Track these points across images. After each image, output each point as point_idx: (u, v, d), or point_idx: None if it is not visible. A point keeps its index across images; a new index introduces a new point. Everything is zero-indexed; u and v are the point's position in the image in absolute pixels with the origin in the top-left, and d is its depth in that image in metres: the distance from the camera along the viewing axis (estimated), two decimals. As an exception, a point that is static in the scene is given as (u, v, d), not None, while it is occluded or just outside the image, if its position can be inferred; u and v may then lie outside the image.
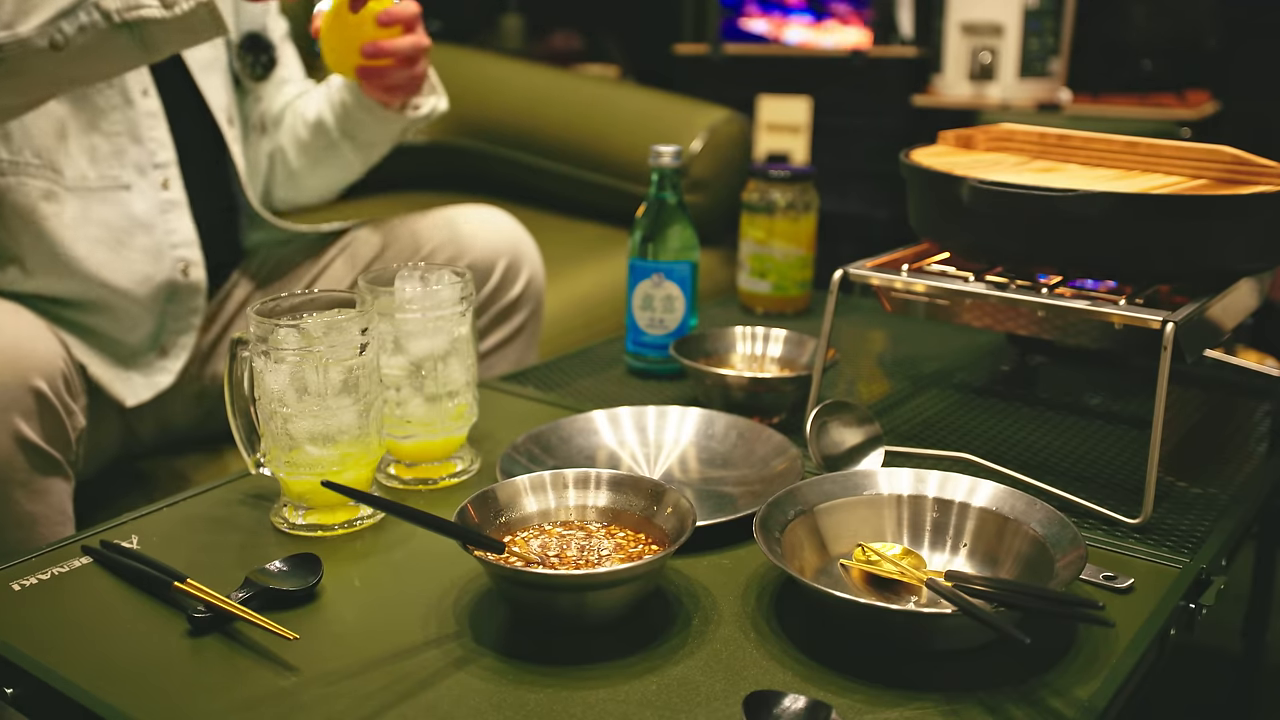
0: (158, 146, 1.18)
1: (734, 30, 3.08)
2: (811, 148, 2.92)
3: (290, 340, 0.83)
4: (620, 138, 2.15)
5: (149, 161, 1.17)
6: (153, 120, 1.17)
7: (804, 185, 1.45)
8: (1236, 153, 0.98)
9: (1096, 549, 0.84)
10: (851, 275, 1.02)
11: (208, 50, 1.23)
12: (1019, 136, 1.14)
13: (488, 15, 3.66)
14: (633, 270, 1.24)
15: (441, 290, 0.94)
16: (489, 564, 0.72)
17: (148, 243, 1.16)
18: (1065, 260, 0.95)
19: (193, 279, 1.20)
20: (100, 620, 0.75)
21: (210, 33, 1.00)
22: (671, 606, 0.76)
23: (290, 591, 0.76)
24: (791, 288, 1.46)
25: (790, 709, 0.63)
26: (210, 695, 0.67)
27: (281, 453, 0.86)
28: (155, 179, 1.17)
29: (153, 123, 1.17)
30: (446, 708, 0.65)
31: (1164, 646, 0.76)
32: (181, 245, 1.19)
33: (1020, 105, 2.65)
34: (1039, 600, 0.67)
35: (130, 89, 1.15)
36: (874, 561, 0.78)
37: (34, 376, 0.98)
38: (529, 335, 1.43)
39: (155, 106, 1.18)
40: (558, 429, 1.00)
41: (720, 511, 0.88)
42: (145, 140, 1.17)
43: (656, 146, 1.20)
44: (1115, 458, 1.03)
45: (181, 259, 1.19)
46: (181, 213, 1.19)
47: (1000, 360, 1.31)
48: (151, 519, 0.89)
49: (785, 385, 1.08)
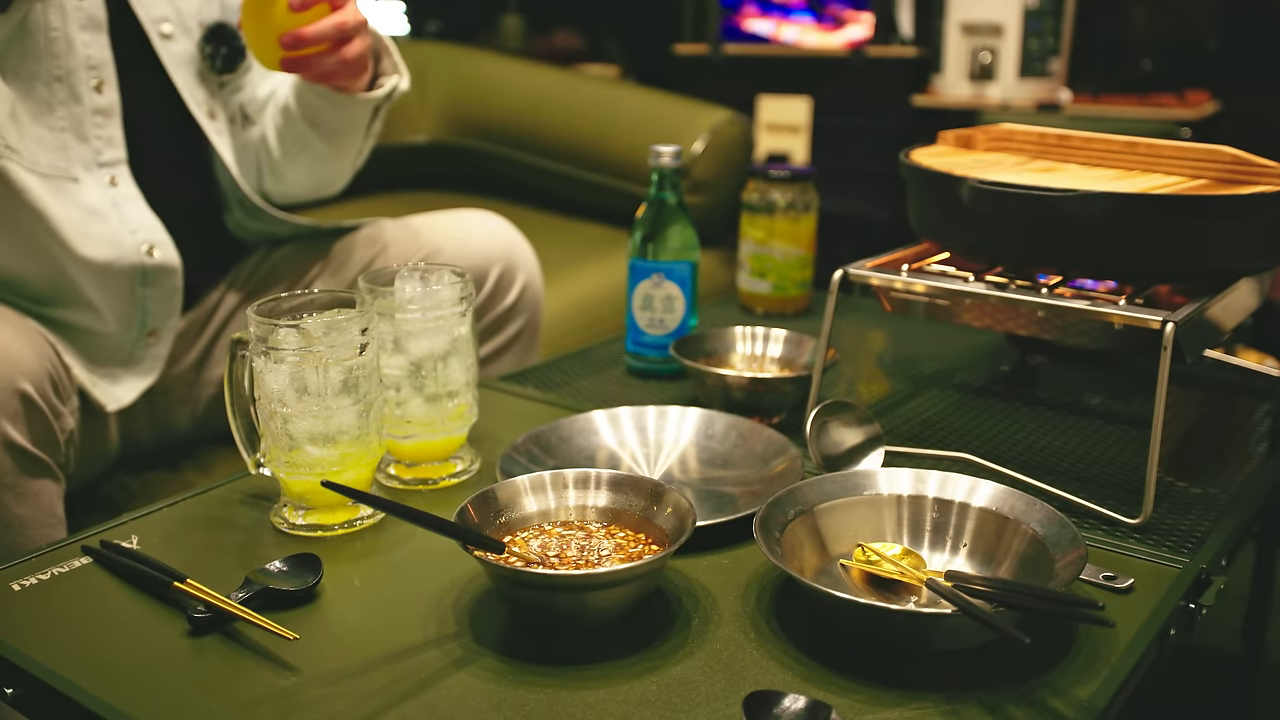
0: (104, 145, 1.14)
1: (734, 30, 3.08)
2: (811, 148, 2.92)
3: (290, 340, 0.83)
4: (620, 138, 2.15)
5: (94, 159, 1.14)
6: (102, 118, 1.13)
7: (804, 185, 1.45)
8: (1236, 153, 0.98)
9: (1096, 549, 0.84)
10: (851, 275, 1.02)
11: (183, 43, 1.20)
12: (1019, 136, 1.14)
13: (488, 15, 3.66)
14: (633, 270, 1.24)
15: (441, 290, 0.94)
16: (489, 564, 0.72)
17: (104, 230, 1.13)
18: (1065, 260, 0.95)
19: (160, 259, 1.16)
20: (100, 620, 0.75)
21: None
22: (671, 606, 0.76)
23: (290, 591, 0.76)
24: (791, 288, 1.46)
25: (790, 709, 0.63)
26: (210, 695, 0.67)
27: (281, 453, 0.86)
28: (101, 176, 1.14)
29: (101, 120, 1.13)
30: (446, 708, 0.65)
31: (1164, 646, 0.76)
32: (141, 229, 1.15)
33: (1020, 105, 2.65)
34: (1039, 600, 0.67)
35: (79, 85, 1.11)
36: (874, 561, 0.78)
37: (18, 379, 0.97)
38: (525, 344, 1.42)
39: (107, 103, 1.13)
40: (558, 429, 1.00)
41: (720, 511, 0.88)
42: (90, 138, 1.13)
43: (656, 146, 1.20)
44: (1115, 458, 1.03)
45: (144, 242, 1.15)
46: (135, 205, 1.16)
47: (1000, 360, 1.31)
48: (151, 519, 0.89)
49: (785, 385, 1.08)
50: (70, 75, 1.11)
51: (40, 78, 1.10)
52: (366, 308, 0.87)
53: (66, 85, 1.11)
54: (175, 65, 1.20)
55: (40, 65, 1.09)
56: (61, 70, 1.10)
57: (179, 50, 1.20)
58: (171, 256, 1.17)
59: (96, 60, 1.12)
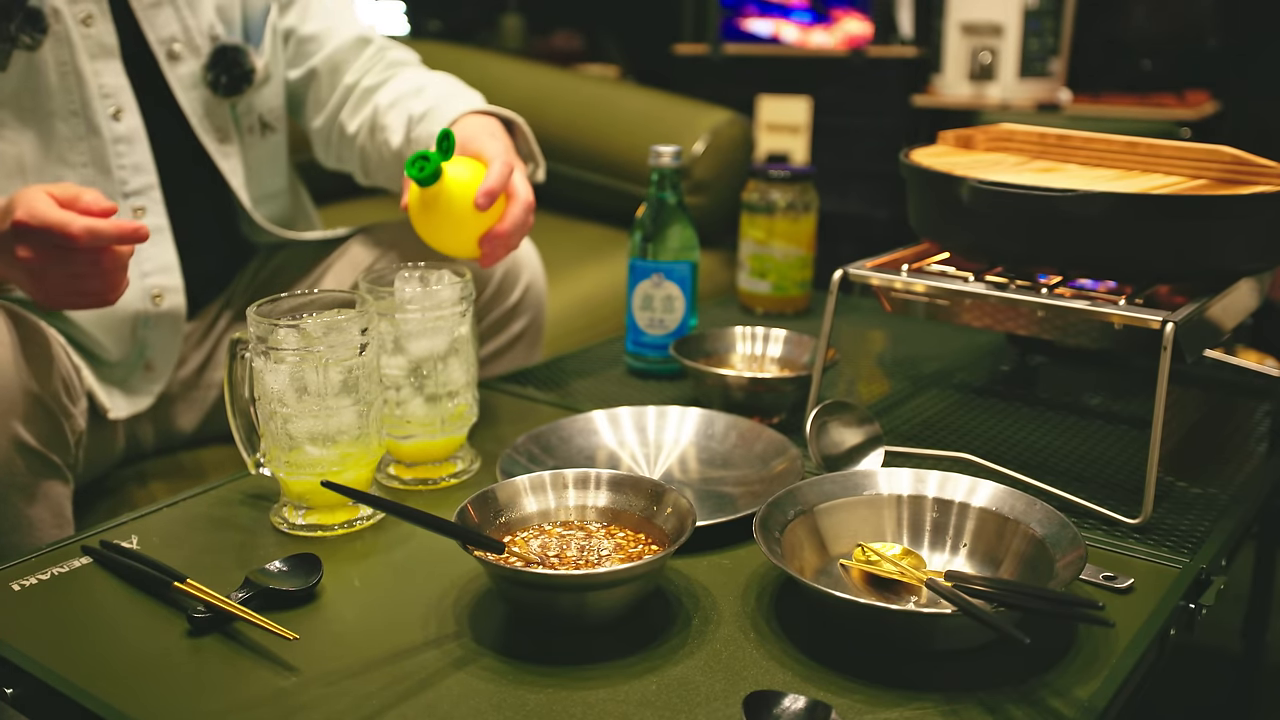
0: (130, 174, 1.12)
1: (734, 30, 3.08)
2: (811, 148, 2.92)
3: (290, 340, 0.83)
4: (620, 138, 2.15)
5: (118, 192, 1.12)
6: (125, 146, 1.12)
7: (804, 185, 1.45)
8: (1236, 153, 0.98)
9: (1096, 549, 0.84)
10: (851, 275, 1.02)
11: (190, 63, 1.18)
12: (1019, 136, 1.14)
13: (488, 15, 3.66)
14: (633, 270, 1.24)
15: (441, 290, 0.94)
16: (489, 564, 0.72)
17: None
18: (1065, 260, 0.95)
19: (166, 308, 1.16)
20: (100, 620, 0.75)
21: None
22: (671, 606, 0.76)
23: (290, 591, 0.76)
24: (791, 288, 1.46)
25: (790, 709, 0.63)
26: (210, 695, 0.67)
27: (281, 453, 0.86)
28: (125, 210, 1.12)
29: (125, 149, 1.12)
30: (446, 708, 0.65)
31: (1164, 646, 0.76)
32: (154, 273, 1.15)
33: (1020, 105, 2.65)
34: (1039, 600, 0.67)
35: (96, 115, 1.10)
36: (874, 561, 0.78)
37: (31, 381, 0.97)
38: (528, 343, 1.42)
39: (127, 130, 1.12)
40: (558, 429, 1.00)
41: (720, 511, 0.88)
42: (113, 170, 1.11)
43: (656, 147, 1.20)
44: (1115, 458, 1.03)
45: (154, 287, 1.15)
46: (160, 239, 1.15)
47: (1000, 360, 1.31)
48: (151, 519, 0.89)
49: (785, 385, 1.08)
50: (86, 107, 1.10)
51: (58, 114, 1.09)
52: (366, 308, 0.87)
53: (83, 118, 1.10)
54: (183, 88, 1.18)
55: (55, 102, 1.08)
56: (76, 104, 1.09)
57: (186, 72, 1.18)
58: (178, 304, 1.16)
59: (111, 88, 1.11)
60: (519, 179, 1.03)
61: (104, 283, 0.94)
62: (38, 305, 1.00)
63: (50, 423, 1.00)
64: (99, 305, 0.96)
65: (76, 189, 0.91)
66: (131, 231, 0.91)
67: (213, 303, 1.30)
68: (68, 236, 0.88)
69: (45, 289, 0.94)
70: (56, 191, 0.91)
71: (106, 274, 0.93)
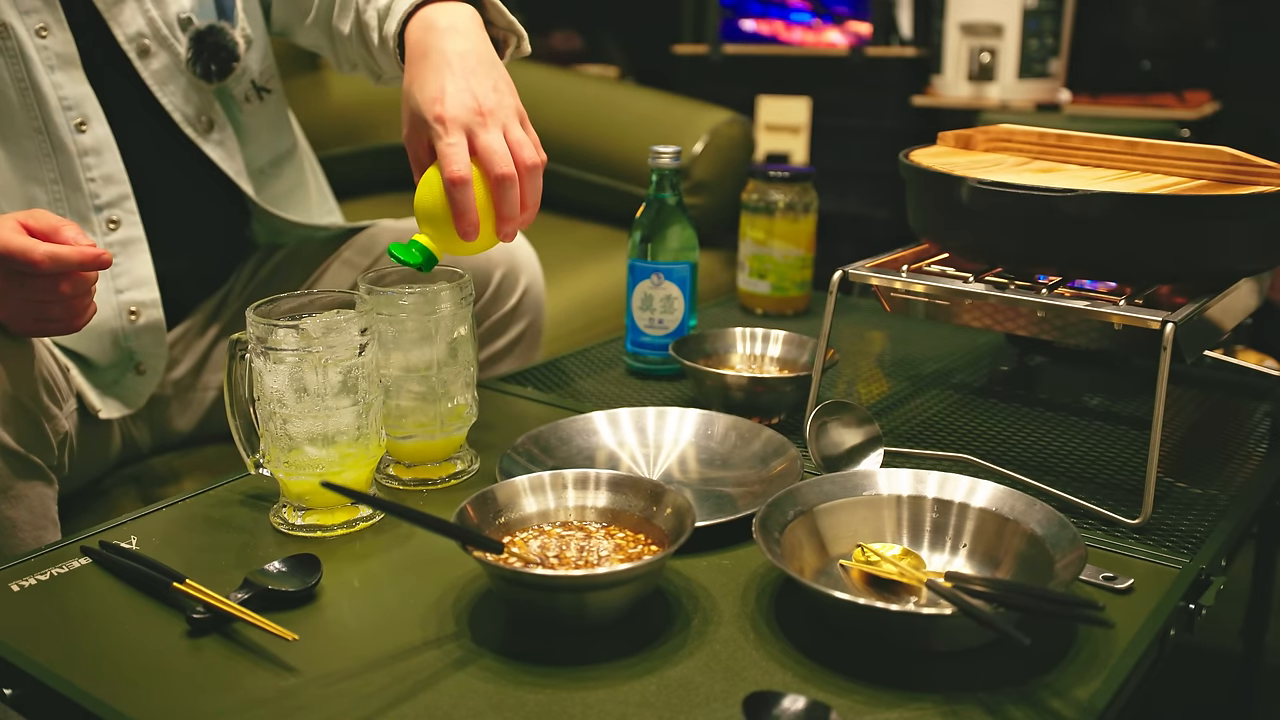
0: (100, 186, 1.09)
1: (734, 30, 3.08)
2: (811, 148, 2.92)
3: (289, 341, 0.83)
4: (620, 138, 2.15)
5: (89, 206, 1.09)
6: (94, 158, 1.09)
7: (803, 185, 1.45)
8: (1236, 153, 0.98)
9: (1096, 549, 0.84)
10: (851, 275, 1.02)
11: (163, 56, 1.13)
12: (1018, 137, 1.14)
13: (487, 15, 3.66)
14: (632, 271, 1.24)
15: (441, 291, 0.94)
16: (488, 564, 0.72)
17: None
18: (1065, 260, 0.95)
19: (142, 324, 1.13)
20: (99, 621, 0.75)
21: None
22: (671, 607, 0.76)
23: (289, 592, 0.76)
24: (791, 288, 1.46)
25: (790, 709, 0.63)
26: (210, 695, 0.67)
27: (281, 453, 0.86)
28: (97, 224, 1.10)
29: (93, 161, 1.09)
30: (446, 708, 0.65)
31: (1164, 647, 0.76)
32: (130, 289, 1.12)
33: (1020, 105, 2.65)
34: (1039, 601, 0.67)
35: (60, 129, 1.06)
36: (873, 562, 0.78)
37: (6, 381, 0.97)
38: (527, 346, 1.41)
39: (94, 141, 1.08)
40: (557, 430, 1.00)
41: (720, 512, 0.88)
42: (83, 184, 1.08)
43: (656, 147, 1.20)
44: (1115, 458, 1.03)
45: (130, 303, 1.12)
46: (135, 250, 1.12)
47: (1000, 360, 1.31)
48: (150, 519, 0.89)
49: (785, 386, 1.08)
50: (48, 123, 1.06)
51: (23, 132, 1.06)
52: (366, 308, 0.87)
53: (46, 135, 1.07)
54: (159, 82, 1.14)
55: (18, 120, 1.05)
56: (39, 120, 1.06)
57: (160, 66, 1.14)
58: (155, 318, 1.14)
59: (73, 99, 1.07)
60: (490, 139, 0.93)
61: (66, 309, 0.93)
62: (4, 330, 0.99)
63: (30, 423, 0.99)
64: (64, 332, 0.96)
65: (58, 222, 0.91)
66: (93, 258, 0.90)
67: (209, 302, 1.30)
68: (29, 262, 0.88)
69: (8, 315, 0.94)
70: (32, 222, 0.90)
71: (68, 300, 0.92)
